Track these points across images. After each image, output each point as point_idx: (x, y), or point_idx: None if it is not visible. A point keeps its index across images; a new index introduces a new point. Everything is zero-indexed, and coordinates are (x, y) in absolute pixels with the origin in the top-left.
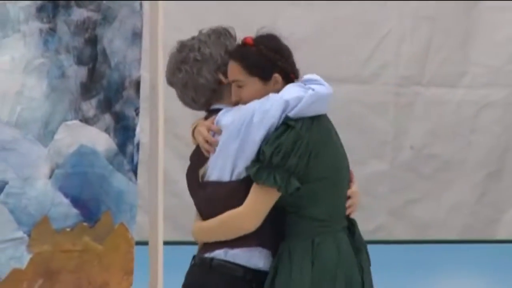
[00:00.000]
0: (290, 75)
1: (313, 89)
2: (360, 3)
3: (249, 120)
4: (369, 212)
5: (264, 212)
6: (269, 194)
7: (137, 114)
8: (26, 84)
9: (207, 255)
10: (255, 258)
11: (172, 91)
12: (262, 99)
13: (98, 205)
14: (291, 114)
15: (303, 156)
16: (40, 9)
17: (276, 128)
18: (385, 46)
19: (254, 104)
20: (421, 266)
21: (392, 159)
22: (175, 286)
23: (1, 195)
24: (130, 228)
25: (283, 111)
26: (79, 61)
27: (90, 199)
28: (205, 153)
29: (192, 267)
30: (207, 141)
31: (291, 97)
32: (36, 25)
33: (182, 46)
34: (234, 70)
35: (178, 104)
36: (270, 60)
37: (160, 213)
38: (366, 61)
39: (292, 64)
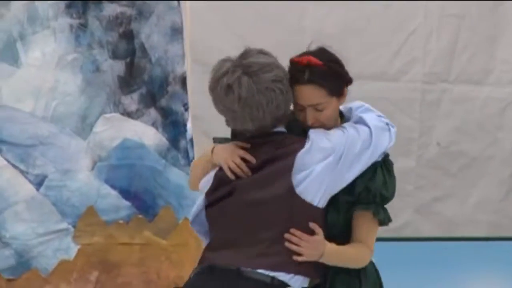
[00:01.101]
0: (348, 86)
1: (392, 126)
2: (386, 1)
3: (351, 152)
4: (396, 209)
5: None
6: (377, 230)
7: (186, 110)
8: (60, 79)
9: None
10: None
11: (199, 89)
12: (363, 130)
13: (154, 198)
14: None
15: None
16: (69, 6)
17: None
18: (412, 43)
19: (354, 134)
20: (447, 263)
21: (419, 156)
22: None
23: (41, 189)
24: None
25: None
26: (115, 55)
27: (143, 192)
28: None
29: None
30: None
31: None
32: (66, 21)
33: (265, 65)
34: (315, 94)
35: (205, 98)
36: (341, 76)
37: None
38: (393, 59)
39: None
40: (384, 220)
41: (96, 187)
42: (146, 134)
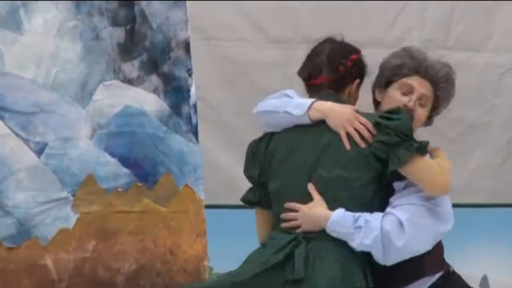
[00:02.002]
0: None
1: None
2: None
3: None
4: None
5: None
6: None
7: (190, 75)
8: (61, 46)
9: None
10: None
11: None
12: None
13: (154, 165)
14: None
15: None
16: None
17: None
18: (409, 10)
19: None
20: None
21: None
22: None
23: (42, 157)
24: (196, 189)
25: None
26: (114, 23)
27: (143, 159)
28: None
29: None
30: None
31: None
32: None
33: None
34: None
35: (205, 66)
36: None
37: None
38: (391, 26)
39: None
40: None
41: (96, 155)
42: (147, 101)
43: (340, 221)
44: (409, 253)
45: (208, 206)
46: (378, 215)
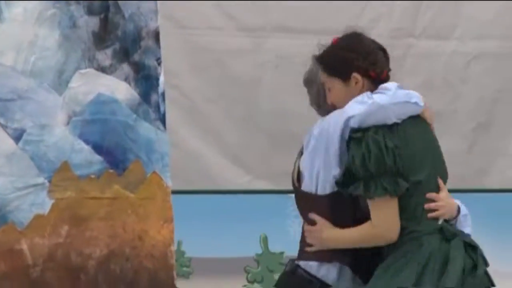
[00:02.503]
0: (370, 73)
1: (373, 99)
2: None
3: (327, 134)
4: None
5: (395, 218)
6: (387, 203)
7: (159, 64)
8: (39, 34)
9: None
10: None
11: (171, 48)
12: (336, 113)
13: (124, 152)
14: (354, 125)
15: (395, 155)
16: None
17: (348, 145)
18: (378, 1)
19: (331, 117)
20: None
21: None
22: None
23: (20, 143)
24: (163, 176)
25: (345, 125)
26: (90, 11)
27: (114, 147)
28: None
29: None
30: None
31: (352, 111)
32: None
33: None
34: (320, 74)
35: (176, 53)
36: (345, 60)
37: None
38: (360, 14)
39: (372, 61)
40: (378, 192)
41: (71, 142)
42: (119, 89)
43: (463, 209)
44: None
45: (181, 192)
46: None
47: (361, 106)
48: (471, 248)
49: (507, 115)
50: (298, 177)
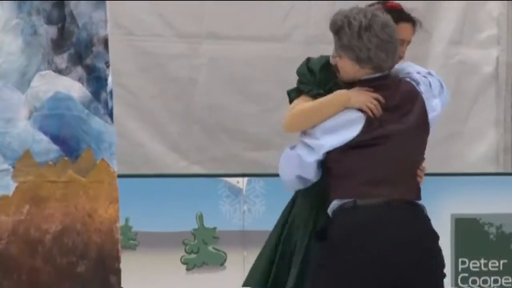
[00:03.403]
0: None
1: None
2: None
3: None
4: (283, 150)
5: None
6: None
7: (107, 67)
8: (5, 41)
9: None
10: None
11: (119, 52)
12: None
13: (78, 143)
14: None
15: None
16: None
17: None
18: (296, 10)
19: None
20: None
21: None
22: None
23: None
24: (111, 163)
25: None
26: (49, 21)
27: (69, 137)
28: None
29: None
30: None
31: None
32: None
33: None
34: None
35: (124, 57)
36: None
37: None
38: (281, 23)
39: None
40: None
41: (32, 134)
42: (73, 88)
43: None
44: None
45: (128, 176)
46: None
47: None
48: None
49: None
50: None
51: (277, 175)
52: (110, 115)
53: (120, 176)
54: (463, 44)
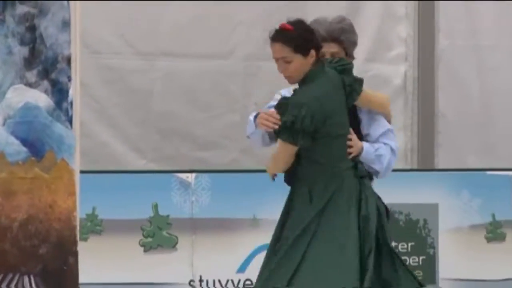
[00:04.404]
0: (319, 49)
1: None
2: (217, 1)
3: None
4: (226, 150)
5: None
6: None
7: (69, 80)
8: None
9: None
10: None
11: (87, 68)
12: None
13: (43, 145)
14: None
15: None
16: None
17: None
18: (238, 30)
19: None
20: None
21: (242, 112)
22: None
23: None
24: (69, 162)
25: None
26: (22, 43)
27: (36, 141)
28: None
29: None
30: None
31: None
32: None
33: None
34: (282, 50)
35: (91, 71)
36: (307, 40)
37: (78, 150)
38: (225, 41)
39: (318, 38)
40: None
41: (5, 138)
42: (40, 98)
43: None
44: None
45: (94, 172)
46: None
47: None
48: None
49: None
50: None
51: (220, 171)
52: (70, 121)
53: (88, 172)
54: (376, 60)
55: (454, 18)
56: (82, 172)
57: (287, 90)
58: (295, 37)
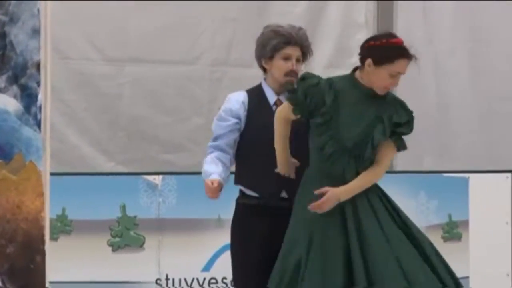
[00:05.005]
0: None
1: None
2: (183, 10)
3: None
4: (192, 153)
5: None
6: None
7: (38, 86)
8: None
9: None
10: None
11: (58, 73)
12: None
13: (12, 148)
14: None
15: None
16: None
17: None
18: (203, 37)
19: None
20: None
21: (207, 116)
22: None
23: None
24: (37, 164)
25: None
26: None
27: (5, 144)
28: None
29: None
30: None
31: None
32: None
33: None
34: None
35: (62, 76)
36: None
37: (48, 152)
38: (191, 47)
39: None
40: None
41: None
42: (10, 103)
43: None
44: None
45: (65, 174)
46: None
47: None
48: None
49: None
50: None
51: (186, 173)
52: (39, 125)
53: (58, 174)
54: (337, 67)
55: (412, 25)
56: (52, 174)
57: (238, 94)
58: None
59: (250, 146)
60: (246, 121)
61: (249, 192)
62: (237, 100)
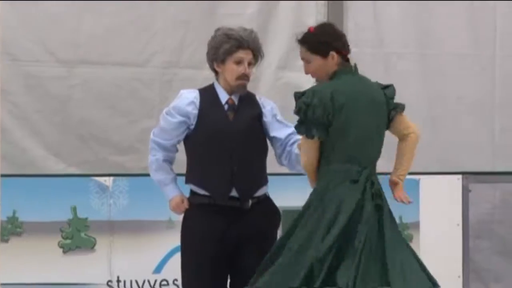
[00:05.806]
0: (343, 52)
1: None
2: (134, 12)
3: None
4: (143, 154)
5: None
6: None
7: None
8: None
9: None
10: None
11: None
12: None
13: None
14: None
15: None
16: None
17: None
18: (154, 40)
19: None
20: None
21: (158, 118)
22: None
23: None
24: None
25: None
26: None
27: None
28: None
29: None
30: None
31: None
32: None
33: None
34: (301, 51)
35: (12, 78)
36: (325, 42)
37: None
38: (141, 51)
39: (344, 43)
40: None
41: None
42: None
43: None
44: None
45: (16, 175)
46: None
47: None
48: None
49: None
50: None
51: (137, 175)
52: None
53: (9, 175)
54: (288, 68)
55: (362, 28)
56: (3, 176)
57: (190, 92)
58: (313, 39)
59: (201, 144)
60: (198, 120)
61: (200, 191)
62: (187, 98)
